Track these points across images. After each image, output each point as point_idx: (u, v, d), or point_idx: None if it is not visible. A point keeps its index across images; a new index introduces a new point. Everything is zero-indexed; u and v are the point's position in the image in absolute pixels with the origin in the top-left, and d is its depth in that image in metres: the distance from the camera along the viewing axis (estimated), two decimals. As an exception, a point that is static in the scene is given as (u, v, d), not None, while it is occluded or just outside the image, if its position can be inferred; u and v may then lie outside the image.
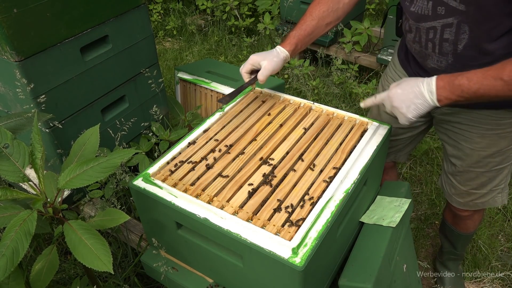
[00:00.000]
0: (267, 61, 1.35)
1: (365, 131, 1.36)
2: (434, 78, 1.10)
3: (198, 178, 1.21)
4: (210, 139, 1.35)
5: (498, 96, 1.03)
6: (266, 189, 1.16)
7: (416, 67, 1.35)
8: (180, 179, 1.21)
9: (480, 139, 1.31)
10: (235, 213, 1.10)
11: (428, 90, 1.10)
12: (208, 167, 1.24)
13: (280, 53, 1.37)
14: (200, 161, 1.27)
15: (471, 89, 1.04)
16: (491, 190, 1.43)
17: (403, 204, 1.36)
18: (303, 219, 1.07)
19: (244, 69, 1.39)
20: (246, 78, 1.40)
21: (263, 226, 1.06)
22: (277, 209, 1.10)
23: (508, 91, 1.00)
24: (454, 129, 1.36)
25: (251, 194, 1.15)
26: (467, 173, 1.40)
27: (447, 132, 1.40)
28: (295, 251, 0.98)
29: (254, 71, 1.40)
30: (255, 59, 1.36)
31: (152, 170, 1.24)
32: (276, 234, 1.03)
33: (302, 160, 1.25)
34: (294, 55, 1.41)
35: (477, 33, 1.09)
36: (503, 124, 1.26)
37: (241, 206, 1.12)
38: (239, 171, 1.23)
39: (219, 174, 1.22)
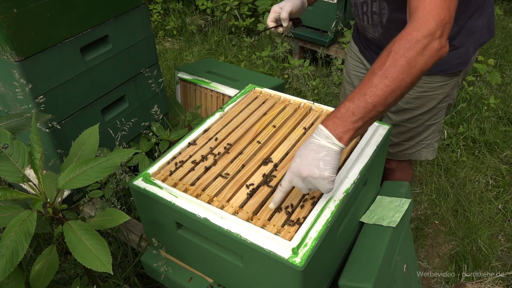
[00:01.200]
0: (286, 1, 1.44)
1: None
2: (320, 125, 1.01)
3: (198, 178, 1.21)
4: (210, 139, 1.35)
5: (387, 95, 0.95)
6: (266, 189, 1.16)
7: (363, 40, 1.55)
8: (180, 179, 1.21)
9: (414, 100, 1.48)
10: (235, 213, 1.10)
11: (324, 137, 0.99)
12: (208, 167, 1.24)
13: None
14: (200, 161, 1.27)
15: (360, 105, 0.95)
16: (417, 143, 1.61)
17: (403, 204, 1.36)
18: (303, 219, 1.07)
19: (269, 19, 1.48)
20: (271, 26, 1.49)
21: (263, 226, 1.06)
22: (277, 209, 1.10)
23: (391, 83, 0.94)
24: None
25: (251, 194, 1.15)
26: (400, 127, 1.55)
27: None
28: (295, 251, 0.98)
29: (279, 20, 1.48)
30: (275, 7, 1.46)
31: (152, 170, 1.24)
32: (276, 234, 1.03)
33: (302, 160, 1.25)
34: (311, 2, 1.53)
35: (393, 7, 1.25)
36: (434, 87, 1.43)
37: (241, 206, 1.12)
38: (239, 171, 1.23)
39: (219, 174, 1.22)
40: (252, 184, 1.17)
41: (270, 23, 1.48)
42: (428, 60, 0.96)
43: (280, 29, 1.48)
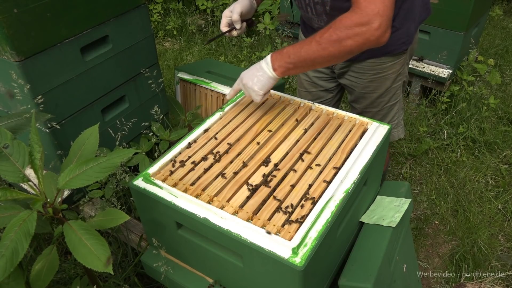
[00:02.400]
0: (234, 4, 1.49)
1: (365, 131, 1.36)
2: (270, 54, 1.27)
3: (198, 178, 1.21)
4: (210, 139, 1.35)
5: (316, 57, 1.18)
6: (266, 189, 1.16)
7: (310, 31, 1.57)
8: (180, 179, 1.21)
9: (369, 83, 1.57)
10: (235, 213, 1.10)
11: (265, 63, 1.26)
12: (208, 167, 1.24)
13: None
14: (200, 161, 1.27)
15: (296, 53, 1.20)
16: None
17: (403, 204, 1.36)
18: (303, 219, 1.07)
19: (222, 25, 1.52)
20: (225, 31, 1.53)
21: (263, 226, 1.06)
22: (277, 209, 1.10)
23: (321, 50, 1.16)
24: (350, 78, 1.60)
25: (251, 194, 1.15)
26: (365, 113, 1.66)
27: (346, 81, 1.64)
28: (295, 251, 0.98)
29: (232, 24, 1.52)
30: (225, 12, 1.50)
31: (152, 170, 1.24)
32: (276, 234, 1.03)
33: (302, 160, 1.25)
34: (258, 2, 1.59)
35: None
36: (385, 68, 1.52)
37: (241, 206, 1.12)
38: (239, 171, 1.23)
39: (219, 174, 1.22)
40: (252, 184, 1.17)
41: (224, 28, 1.51)
42: (360, 45, 1.14)
43: (235, 32, 1.52)
